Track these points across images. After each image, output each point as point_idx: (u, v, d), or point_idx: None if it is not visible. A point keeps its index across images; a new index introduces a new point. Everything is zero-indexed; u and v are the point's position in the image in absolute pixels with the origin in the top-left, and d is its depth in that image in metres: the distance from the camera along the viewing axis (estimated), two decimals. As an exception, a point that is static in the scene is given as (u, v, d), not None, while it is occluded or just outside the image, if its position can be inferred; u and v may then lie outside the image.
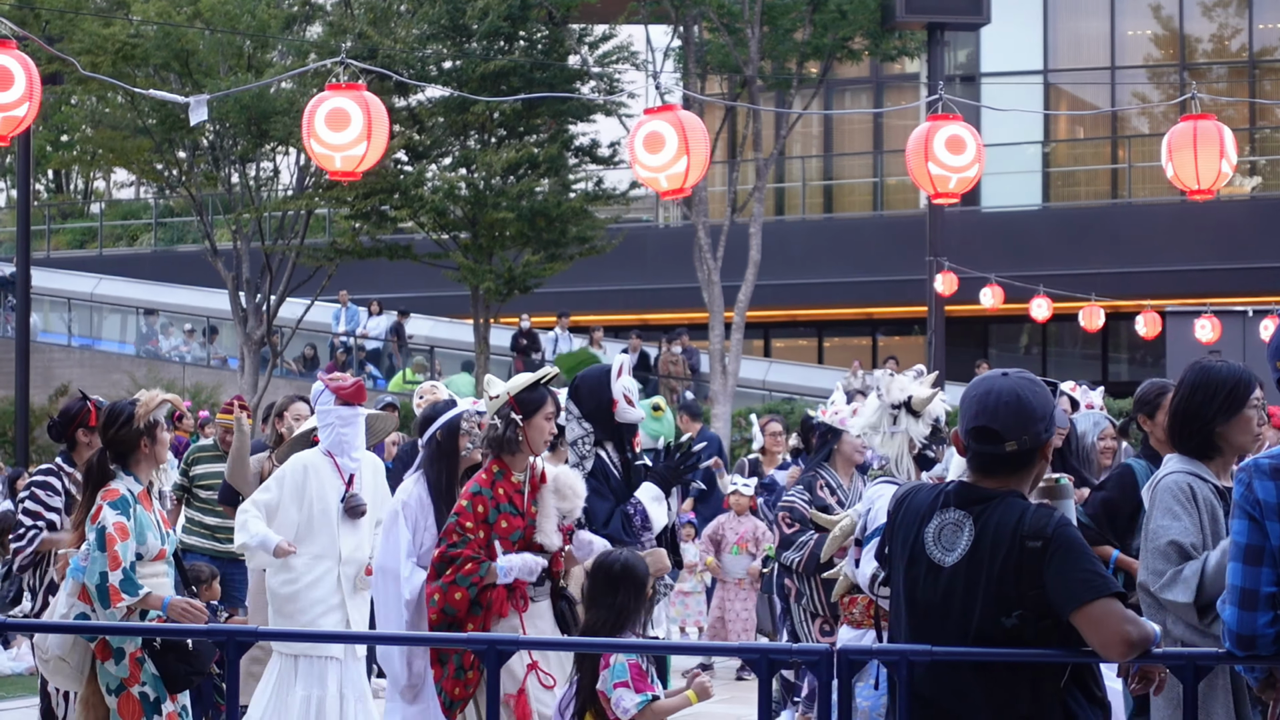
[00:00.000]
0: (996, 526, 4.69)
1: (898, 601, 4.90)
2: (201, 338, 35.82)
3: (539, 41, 28.66)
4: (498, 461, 7.84)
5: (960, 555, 4.72)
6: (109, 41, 26.97)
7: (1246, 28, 36.92)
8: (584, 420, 8.39)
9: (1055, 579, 4.63)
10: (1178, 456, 6.01)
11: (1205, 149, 11.53)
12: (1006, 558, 4.66)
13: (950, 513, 4.79)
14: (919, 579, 4.81)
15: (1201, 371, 6.01)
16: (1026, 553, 4.64)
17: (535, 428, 7.83)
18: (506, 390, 7.87)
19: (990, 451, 4.77)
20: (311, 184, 28.71)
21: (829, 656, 4.78)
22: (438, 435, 8.36)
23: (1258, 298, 28.76)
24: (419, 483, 8.30)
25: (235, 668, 5.48)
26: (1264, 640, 4.75)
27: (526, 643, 7.35)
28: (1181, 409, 6.00)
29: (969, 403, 4.83)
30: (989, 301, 27.94)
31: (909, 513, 4.88)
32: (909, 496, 4.94)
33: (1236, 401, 5.95)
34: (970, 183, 12.03)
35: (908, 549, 4.84)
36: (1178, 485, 5.87)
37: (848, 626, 7.62)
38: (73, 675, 7.60)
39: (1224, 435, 5.97)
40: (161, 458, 7.76)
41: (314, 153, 10.68)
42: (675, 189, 10.48)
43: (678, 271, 32.15)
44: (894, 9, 25.30)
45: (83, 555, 7.45)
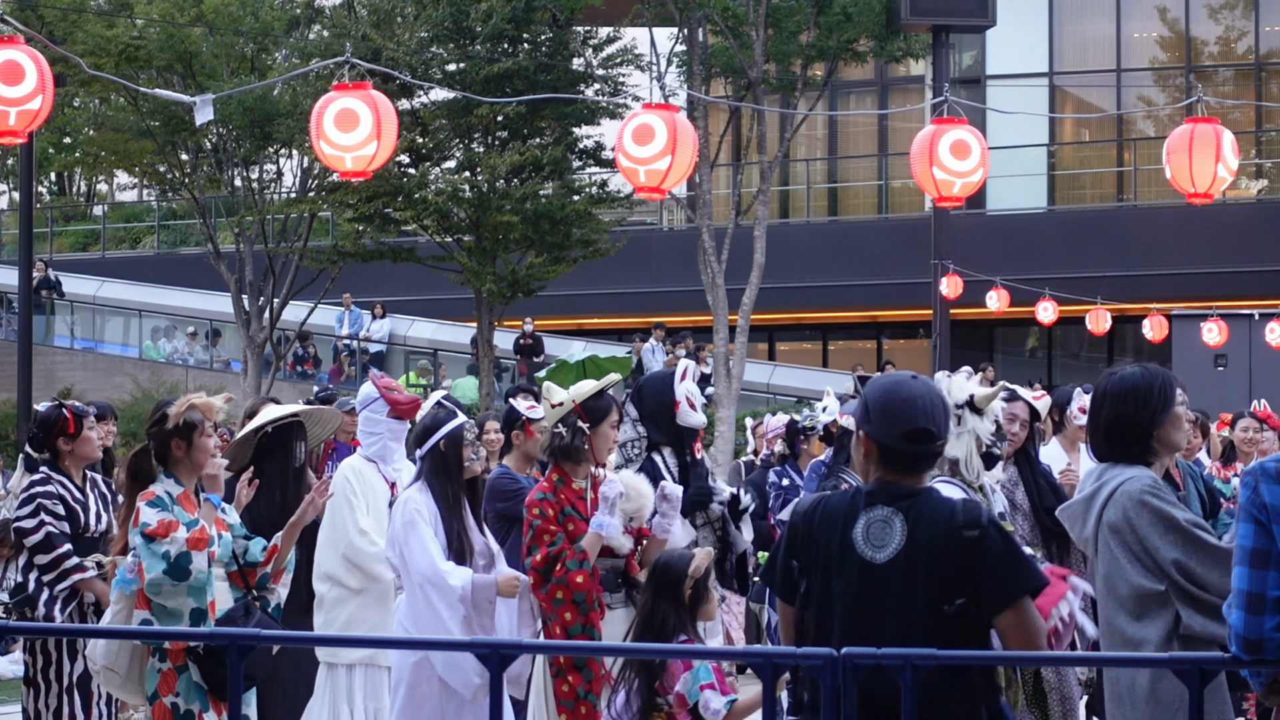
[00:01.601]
0: (930, 520, 4.87)
1: (821, 607, 4.97)
2: (204, 341, 35.81)
3: (543, 44, 28.64)
4: (557, 470, 7.77)
5: (894, 551, 4.86)
6: (112, 43, 26.98)
7: (1253, 30, 36.89)
8: (641, 423, 8.33)
9: (994, 569, 4.84)
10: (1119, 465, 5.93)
11: (1201, 153, 11.53)
12: (944, 548, 4.83)
13: (877, 510, 4.93)
14: (851, 580, 4.91)
15: (1123, 380, 5.96)
16: (964, 542, 4.82)
17: (601, 435, 7.80)
18: (571, 398, 7.77)
19: (925, 451, 4.97)
20: (315, 187, 28.71)
21: (832, 660, 4.73)
22: (440, 446, 8.00)
23: (1264, 301, 28.71)
24: (424, 492, 7.97)
25: (238, 671, 5.42)
26: (1271, 644, 4.72)
27: (530, 646, 7.30)
28: (1114, 418, 5.94)
29: (900, 405, 4.98)
30: (994, 305, 27.91)
31: (825, 519, 4.98)
32: (819, 505, 5.03)
33: (1167, 401, 5.93)
34: (974, 187, 12.01)
35: (833, 553, 4.93)
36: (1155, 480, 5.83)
37: None
38: (124, 685, 7.43)
39: (1160, 437, 5.94)
40: (201, 463, 7.48)
41: (323, 154, 10.56)
42: (653, 186, 10.43)
43: (682, 274, 32.12)
44: (899, 11, 25.29)
45: (129, 567, 7.26)
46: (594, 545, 7.63)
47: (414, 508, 7.90)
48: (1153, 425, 5.90)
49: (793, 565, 5.05)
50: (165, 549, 7.08)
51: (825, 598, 4.98)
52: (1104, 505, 5.86)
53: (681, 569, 6.85)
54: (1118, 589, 5.83)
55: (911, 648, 4.71)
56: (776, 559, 5.13)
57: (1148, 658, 5.64)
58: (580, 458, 7.76)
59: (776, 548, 5.18)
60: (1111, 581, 5.86)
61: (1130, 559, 5.78)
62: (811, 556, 4.99)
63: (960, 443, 7.56)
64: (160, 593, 7.14)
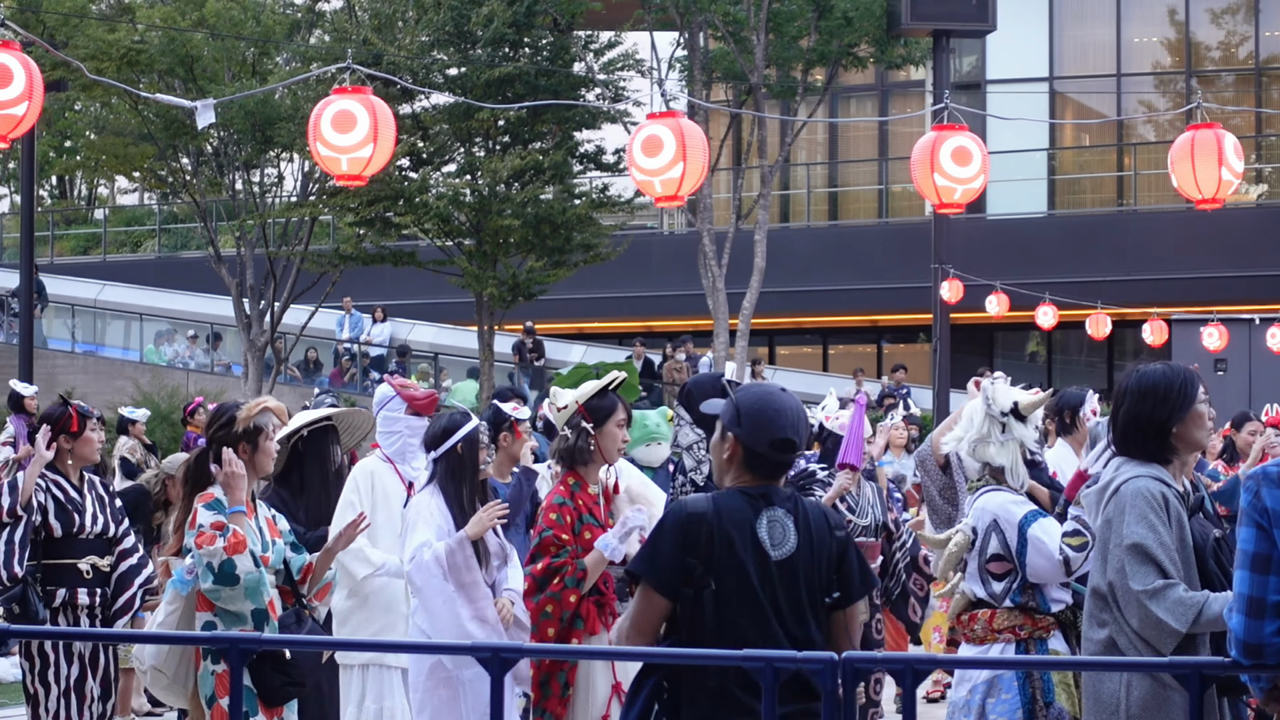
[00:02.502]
0: (813, 521, 5.26)
1: (734, 602, 5.15)
2: (205, 344, 35.80)
3: (544, 48, 28.64)
4: (572, 473, 7.69)
5: (790, 549, 5.19)
6: (114, 47, 26.99)
7: (1253, 35, 36.89)
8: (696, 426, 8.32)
9: (850, 568, 5.31)
10: (1134, 461, 5.97)
11: (1203, 158, 11.55)
12: (826, 546, 5.25)
13: (774, 511, 5.23)
14: (762, 577, 5.17)
15: (1145, 376, 5.99)
16: (836, 541, 5.28)
17: (608, 435, 7.71)
18: (575, 399, 7.71)
19: (787, 460, 5.31)
20: (316, 190, 28.72)
21: (833, 664, 4.74)
22: (458, 449, 7.89)
23: (1264, 305, 28.73)
24: (435, 495, 7.88)
25: (239, 675, 5.41)
26: (1271, 649, 4.72)
27: (531, 650, 7.28)
28: (1133, 415, 5.96)
29: (773, 414, 5.27)
30: (994, 309, 27.91)
31: (731, 520, 5.19)
32: (714, 506, 5.21)
33: (1188, 399, 5.94)
34: (975, 194, 12.02)
35: (745, 552, 5.16)
36: (1150, 492, 5.82)
37: (968, 644, 7.52)
38: (170, 686, 7.32)
39: (1180, 435, 5.95)
40: (265, 467, 7.43)
41: (319, 155, 10.56)
42: (670, 195, 10.42)
43: (682, 278, 32.13)
44: (899, 16, 25.31)
45: (187, 568, 7.18)
46: (596, 567, 7.54)
47: (423, 510, 7.84)
48: (1171, 422, 5.91)
49: (689, 563, 5.16)
50: (208, 561, 7.06)
51: (739, 594, 5.16)
52: (1109, 499, 5.90)
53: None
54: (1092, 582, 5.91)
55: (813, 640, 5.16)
56: (659, 556, 5.21)
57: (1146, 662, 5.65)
58: (588, 459, 7.68)
59: (658, 545, 5.25)
60: (1094, 574, 5.93)
61: (1101, 555, 5.85)
62: (717, 555, 5.15)
63: (1006, 450, 7.50)
64: (220, 598, 7.11)
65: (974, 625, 7.42)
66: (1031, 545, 7.19)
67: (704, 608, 5.16)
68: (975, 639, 7.41)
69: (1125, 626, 5.73)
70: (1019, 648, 7.28)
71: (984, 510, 7.38)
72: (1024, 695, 7.23)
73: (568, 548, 7.50)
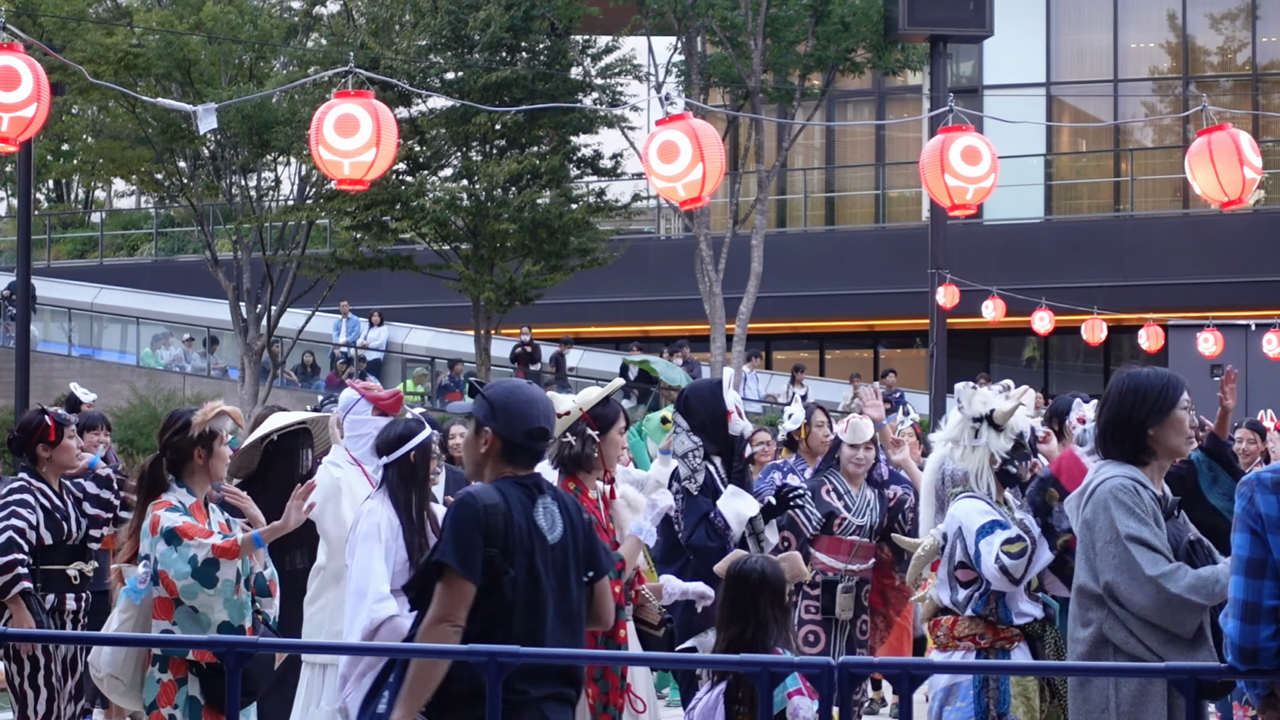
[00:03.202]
0: (569, 506, 5.68)
1: (528, 587, 5.48)
2: (202, 348, 35.80)
3: (541, 53, 28.65)
4: (572, 479, 7.68)
5: (562, 532, 5.59)
6: (111, 51, 26.98)
7: (1251, 41, 36.92)
8: (693, 433, 8.29)
9: (596, 547, 5.75)
10: (1111, 462, 6.00)
11: (1223, 160, 11.46)
12: (582, 529, 5.68)
13: (545, 499, 5.60)
14: (541, 560, 5.52)
15: (1130, 378, 6.05)
16: (586, 524, 5.72)
17: (610, 443, 7.73)
18: (579, 406, 7.71)
19: (542, 448, 5.69)
20: (312, 194, 28.71)
21: (829, 670, 4.75)
22: (411, 457, 7.78)
23: (1260, 311, 28.73)
24: (385, 504, 7.74)
25: (235, 679, 5.41)
26: (1266, 654, 4.73)
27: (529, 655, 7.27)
28: (1113, 415, 6.01)
29: (524, 405, 5.63)
30: (991, 314, 27.91)
31: (517, 509, 5.51)
32: (506, 495, 5.51)
33: (1167, 404, 5.98)
34: (986, 193, 11.98)
35: (531, 538, 5.51)
36: (1127, 488, 5.85)
37: (936, 650, 7.53)
38: (128, 693, 7.40)
39: (1156, 438, 5.98)
40: (218, 472, 7.50)
41: (321, 160, 10.52)
42: (693, 198, 10.37)
43: (679, 283, 32.14)
44: (896, 21, 25.31)
45: (140, 577, 7.22)
46: (633, 552, 7.57)
47: (375, 520, 7.73)
48: (1148, 424, 5.94)
49: (491, 552, 5.43)
50: (193, 553, 7.08)
51: (531, 578, 5.49)
52: (1086, 500, 5.92)
53: (781, 575, 6.81)
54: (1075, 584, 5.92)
55: (581, 616, 5.68)
56: (465, 547, 5.43)
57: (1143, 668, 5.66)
58: (591, 466, 7.69)
59: (461, 536, 5.46)
60: (1077, 574, 5.94)
61: (1086, 556, 5.86)
62: (513, 543, 5.46)
63: (974, 456, 7.49)
64: (195, 597, 7.12)
65: (937, 632, 7.46)
66: (981, 559, 7.22)
67: (505, 593, 5.45)
68: (939, 644, 7.45)
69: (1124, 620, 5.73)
70: (979, 657, 7.30)
71: (953, 517, 7.41)
72: (979, 705, 7.25)
73: None
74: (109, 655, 7.34)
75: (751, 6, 27.85)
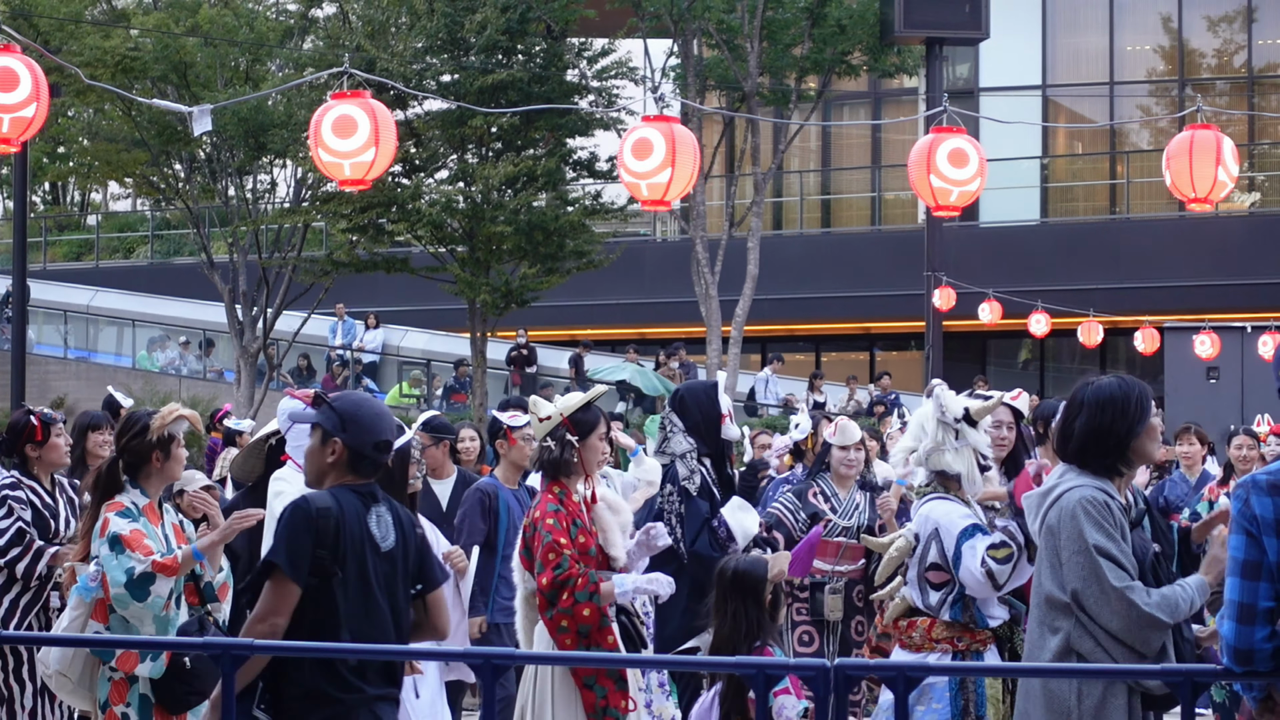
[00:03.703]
0: (401, 516, 5.87)
1: (358, 589, 5.68)
2: (198, 350, 35.79)
3: (537, 55, 28.62)
4: (557, 483, 7.69)
5: (395, 540, 5.79)
6: (108, 54, 26.98)
7: (1247, 43, 36.94)
8: (689, 434, 8.27)
9: (428, 560, 5.98)
10: (1075, 471, 5.93)
11: (1201, 158, 11.54)
12: (414, 541, 5.89)
13: (380, 508, 5.80)
14: (372, 566, 5.71)
15: (1101, 389, 5.96)
16: (418, 537, 5.93)
17: (590, 448, 7.73)
18: (559, 411, 7.72)
19: (385, 460, 5.90)
20: (308, 197, 28.71)
21: (825, 671, 4.75)
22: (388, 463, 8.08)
23: (1256, 314, 28.73)
24: None
25: (231, 682, 5.41)
26: (1261, 655, 4.74)
27: (524, 657, 7.30)
28: (1091, 428, 5.92)
29: (373, 418, 5.86)
30: (987, 316, 27.92)
31: (350, 515, 5.69)
32: (340, 501, 5.70)
33: (1144, 412, 5.94)
34: (972, 196, 12.02)
35: (363, 544, 5.69)
36: (1096, 501, 5.81)
37: (904, 650, 7.55)
38: (76, 691, 7.43)
39: (1136, 448, 5.94)
40: (174, 474, 7.57)
41: (321, 161, 10.54)
42: (656, 199, 10.45)
43: (675, 286, 32.15)
44: (893, 24, 25.28)
45: (92, 575, 7.26)
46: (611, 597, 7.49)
47: None
48: (1130, 436, 5.91)
49: (320, 554, 5.61)
50: (131, 565, 7.13)
51: (359, 581, 5.68)
52: (1050, 505, 5.88)
53: (761, 574, 6.83)
54: (1039, 588, 5.88)
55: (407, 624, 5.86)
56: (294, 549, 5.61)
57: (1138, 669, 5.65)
58: (571, 470, 7.69)
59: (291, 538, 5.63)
60: (1038, 580, 5.90)
61: (1053, 565, 5.82)
62: (343, 547, 5.63)
63: (961, 457, 7.53)
64: (126, 607, 7.18)
65: (912, 633, 7.47)
66: (962, 561, 7.23)
67: (333, 594, 5.62)
68: (912, 646, 7.47)
69: (1093, 629, 5.71)
70: (955, 658, 7.33)
71: (927, 518, 7.44)
72: (955, 706, 7.27)
73: (566, 553, 7.47)
74: (57, 653, 7.40)
75: (748, 9, 27.86)
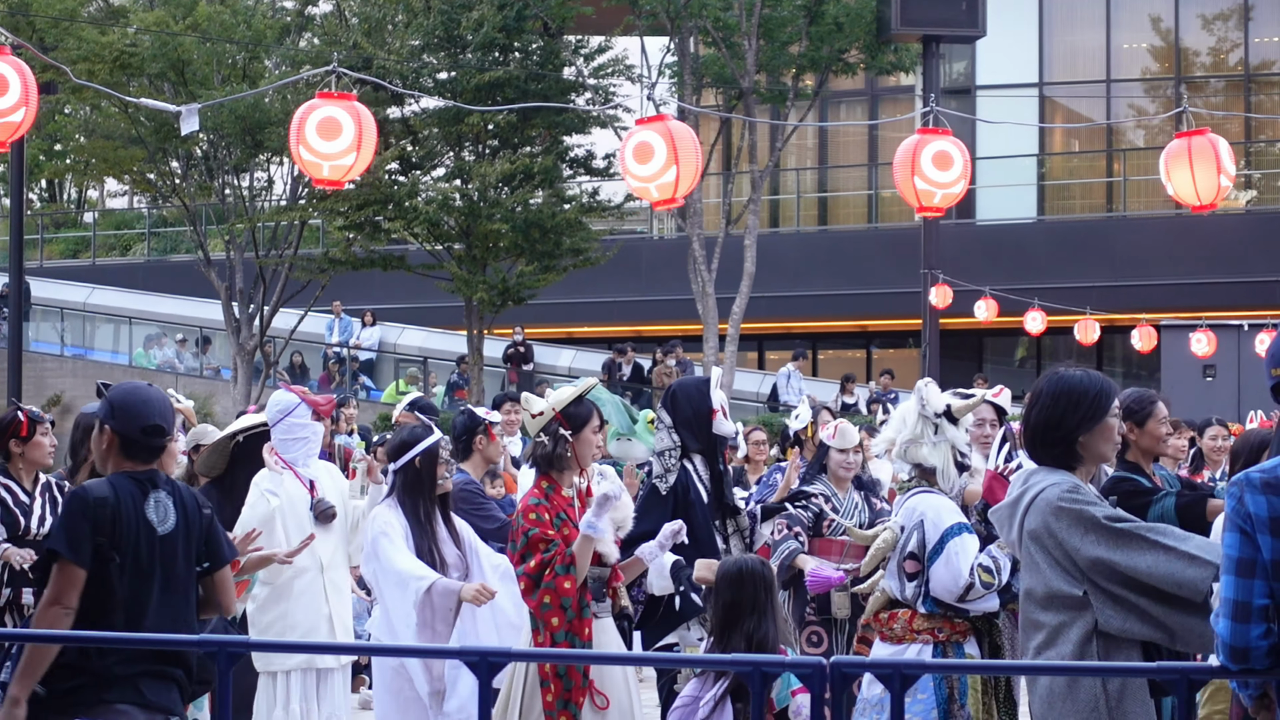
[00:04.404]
0: (187, 501, 6.11)
1: (134, 573, 5.94)
2: (194, 348, 35.78)
3: (534, 53, 28.64)
4: (546, 478, 7.68)
5: (174, 525, 6.03)
6: (106, 50, 26.97)
7: (1243, 41, 36.94)
8: (675, 431, 8.26)
9: (218, 541, 6.25)
10: (1044, 469, 5.83)
11: (1201, 164, 11.53)
12: (198, 523, 6.12)
13: (158, 493, 6.04)
14: (154, 550, 5.97)
15: (1061, 380, 5.84)
16: (204, 518, 6.17)
17: (584, 442, 7.70)
18: (551, 406, 7.70)
19: (159, 444, 6.11)
20: (305, 195, 28.70)
21: (821, 669, 4.75)
22: (416, 462, 8.05)
23: (1253, 311, 28.74)
24: (394, 509, 8.02)
25: (226, 679, 5.40)
26: (1257, 653, 4.74)
27: (519, 655, 7.29)
28: (1043, 419, 5.80)
29: (141, 404, 6.09)
30: (984, 314, 27.92)
31: (127, 501, 5.96)
32: (116, 488, 5.97)
33: (1099, 410, 5.78)
34: (956, 198, 12.07)
35: (139, 529, 5.95)
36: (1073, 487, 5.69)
37: (885, 643, 7.55)
38: None
39: (1085, 444, 5.78)
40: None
41: (301, 159, 10.60)
42: (666, 199, 10.47)
43: (672, 283, 32.14)
44: (889, 22, 25.26)
45: None
46: (585, 549, 7.45)
47: (384, 522, 7.98)
48: (1078, 431, 5.77)
49: (99, 541, 5.87)
50: None
51: (135, 565, 5.94)
52: (1025, 512, 5.77)
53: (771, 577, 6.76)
54: (1036, 593, 5.75)
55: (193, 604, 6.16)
56: (75, 536, 5.90)
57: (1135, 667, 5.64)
58: (564, 465, 7.67)
59: (72, 526, 5.92)
60: (1032, 587, 5.78)
61: (1051, 564, 5.65)
62: (121, 533, 5.91)
63: (938, 452, 7.58)
64: None
65: (893, 625, 7.48)
66: (944, 555, 7.24)
67: (111, 579, 5.90)
68: (893, 638, 7.48)
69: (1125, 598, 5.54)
70: (936, 650, 7.34)
71: (913, 510, 7.46)
72: (939, 695, 7.28)
73: (555, 542, 7.47)
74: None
75: (745, 7, 27.85)
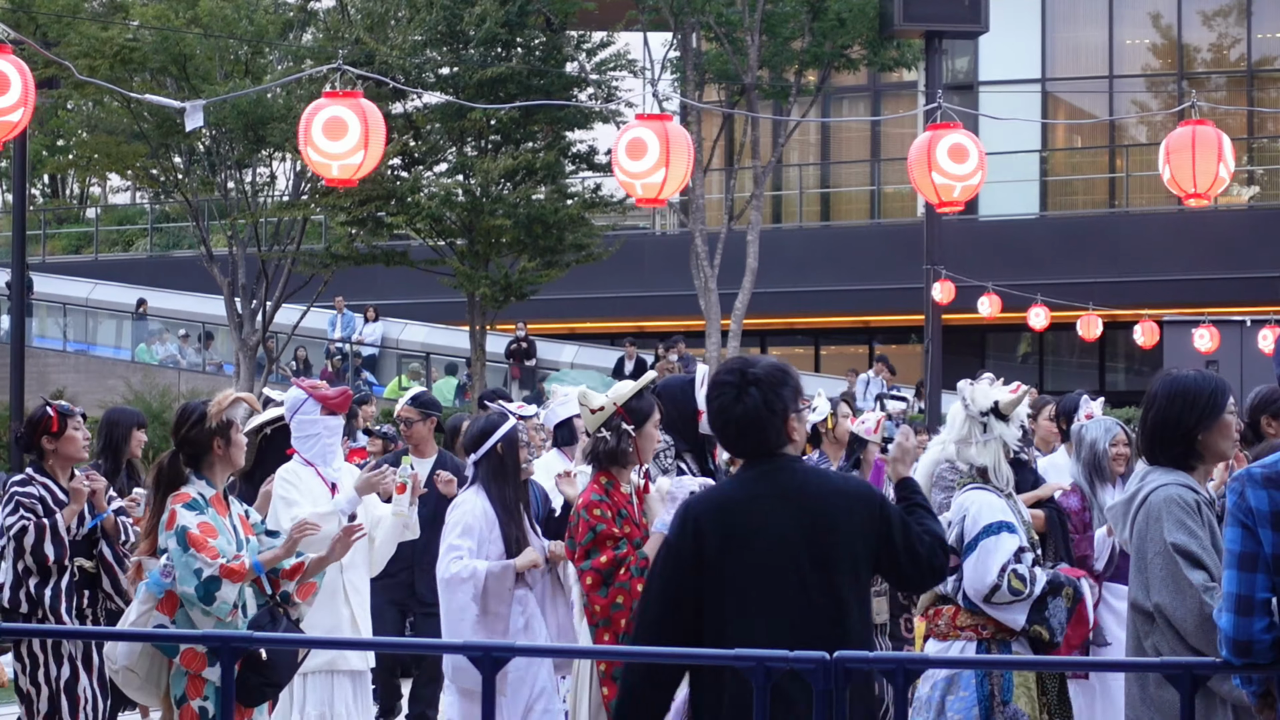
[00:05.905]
0: None
1: None
2: (197, 343, 35.79)
3: (536, 48, 28.64)
4: (605, 473, 7.60)
5: None
6: (107, 45, 26.98)
7: (1245, 37, 36.92)
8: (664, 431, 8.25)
9: None
10: (1160, 469, 5.93)
11: (1203, 154, 11.52)
12: None
13: None
14: None
15: (1175, 381, 5.95)
16: None
17: (646, 436, 7.64)
18: (612, 400, 7.63)
19: None
20: (308, 190, 28.71)
21: (825, 665, 4.75)
22: (498, 449, 8.03)
23: (1255, 307, 28.74)
24: (480, 495, 7.99)
25: (229, 675, 5.36)
26: (1260, 646, 4.75)
27: (524, 650, 7.28)
28: (1160, 419, 5.91)
29: None
30: (986, 310, 27.91)
31: None
32: None
33: (1215, 408, 5.90)
34: (973, 190, 12.04)
35: None
36: (1183, 499, 5.78)
37: (934, 640, 7.52)
38: (143, 687, 7.24)
39: (1206, 443, 5.91)
40: (238, 461, 7.36)
41: (310, 160, 10.62)
42: (650, 198, 10.51)
43: (675, 279, 32.14)
44: (892, 17, 25.26)
45: (163, 570, 7.07)
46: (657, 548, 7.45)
47: (465, 511, 7.96)
48: (1197, 429, 5.88)
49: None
50: (199, 566, 6.94)
51: None
52: (1137, 510, 5.88)
53: None
54: (1131, 595, 5.86)
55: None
56: None
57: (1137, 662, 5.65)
58: (627, 460, 7.60)
59: None
60: (1131, 587, 5.88)
61: (1138, 568, 5.80)
62: None
63: (988, 450, 7.50)
64: (192, 608, 7.02)
65: (938, 620, 7.45)
66: (977, 552, 7.22)
67: None
68: (939, 634, 7.45)
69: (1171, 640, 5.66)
70: (980, 647, 7.31)
71: (962, 505, 7.43)
72: (981, 692, 7.25)
73: (624, 540, 7.42)
74: (125, 648, 7.20)
75: (748, 3, 27.85)
